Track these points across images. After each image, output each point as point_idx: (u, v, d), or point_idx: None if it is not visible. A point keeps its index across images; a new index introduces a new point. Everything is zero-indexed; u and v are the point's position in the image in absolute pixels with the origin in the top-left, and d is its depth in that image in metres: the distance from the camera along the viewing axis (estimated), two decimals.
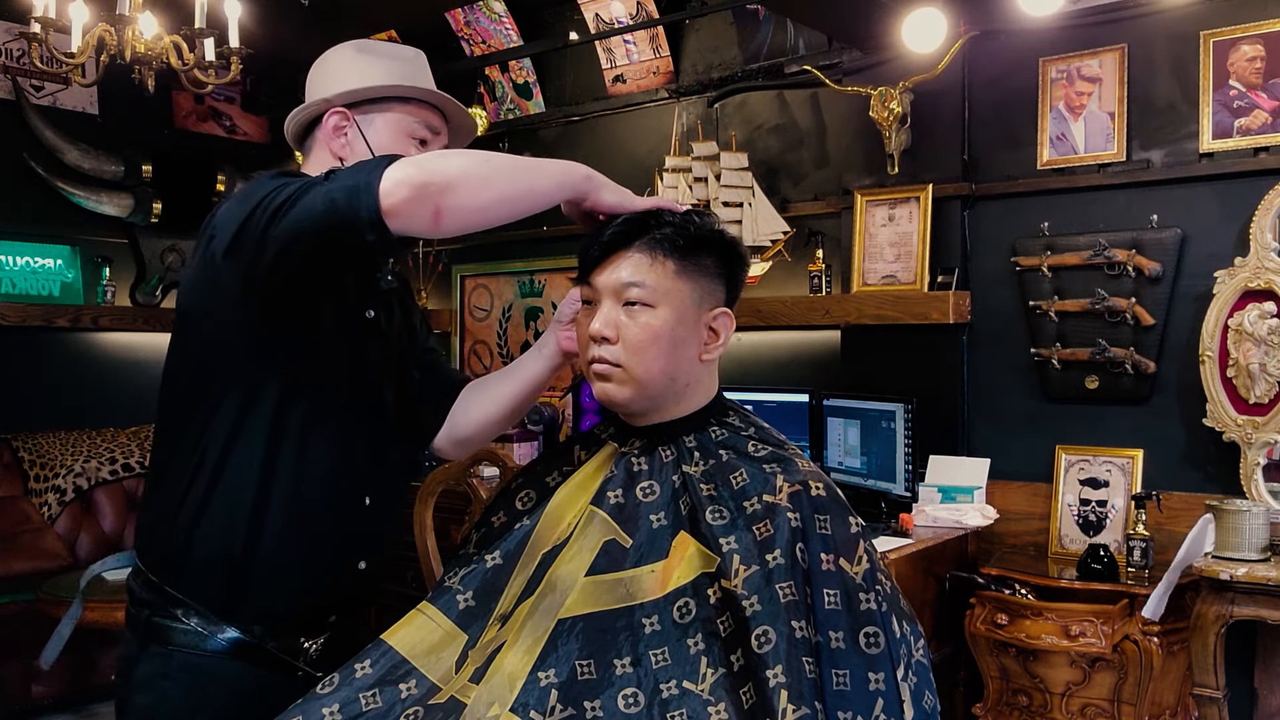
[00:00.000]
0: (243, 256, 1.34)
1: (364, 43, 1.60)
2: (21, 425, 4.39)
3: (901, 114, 3.48)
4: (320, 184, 1.30)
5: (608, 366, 1.35)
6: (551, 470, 1.47)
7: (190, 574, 1.45)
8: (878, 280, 3.60)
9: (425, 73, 1.61)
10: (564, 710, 1.20)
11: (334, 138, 1.54)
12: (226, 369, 1.43)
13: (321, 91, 1.56)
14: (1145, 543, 2.91)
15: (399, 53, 1.59)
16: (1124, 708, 2.82)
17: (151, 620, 1.47)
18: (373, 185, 1.24)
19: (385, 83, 1.54)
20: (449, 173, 1.27)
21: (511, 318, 4.98)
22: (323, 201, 1.27)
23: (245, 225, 1.33)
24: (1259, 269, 2.93)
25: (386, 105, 1.55)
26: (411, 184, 1.24)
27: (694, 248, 1.36)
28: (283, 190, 1.31)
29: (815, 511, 1.27)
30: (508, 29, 4.58)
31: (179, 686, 1.45)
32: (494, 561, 1.38)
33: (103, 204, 4.60)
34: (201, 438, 1.44)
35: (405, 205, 1.24)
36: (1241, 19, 3.03)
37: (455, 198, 1.26)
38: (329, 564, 1.52)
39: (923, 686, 1.27)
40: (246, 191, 1.39)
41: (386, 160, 1.28)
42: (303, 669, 1.51)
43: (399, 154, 1.36)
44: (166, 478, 1.48)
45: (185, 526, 1.44)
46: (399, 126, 1.55)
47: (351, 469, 1.52)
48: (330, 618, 1.56)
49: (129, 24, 3.18)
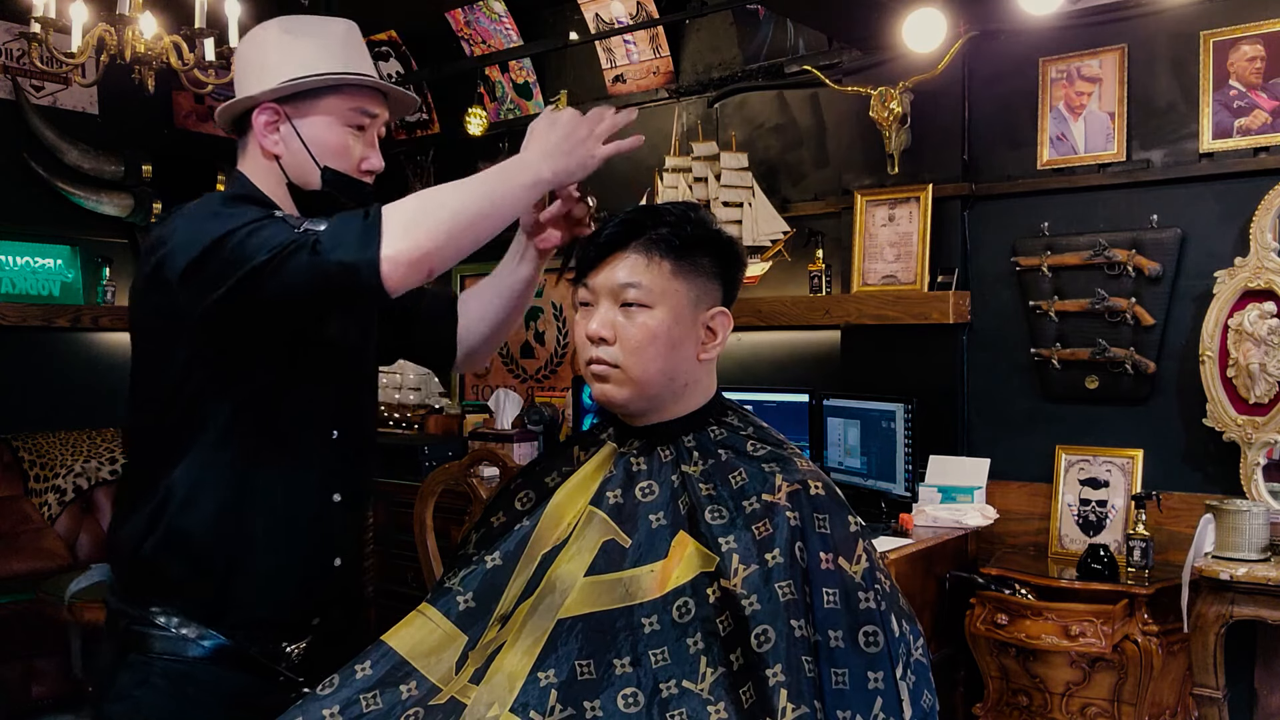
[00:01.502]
0: (203, 289, 1.30)
1: (290, 21, 1.50)
2: (21, 425, 4.38)
3: (901, 114, 3.48)
4: (303, 245, 1.26)
5: (606, 367, 1.35)
6: (551, 470, 1.47)
7: (168, 584, 1.43)
8: (878, 280, 3.60)
9: (359, 50, 1.52)
10: (564, 710, 1.20)
11: (265, 135, 1.48)
12: (188, 381, 1.40)
13: (251, 82, 1.48)
14: (1145, 543, 2.91)
15: (328, 29, 1.50)
16: (1124, 708, 2.82)
17: (131, 629, 1.45)
18: (373, 264, 1.24)
19: (315, 71, 1.46)
20: (437, 238, 1.27)
21: None
22: (316, 276, 1.26)
23: (208, 258, 1.29)
24: (1259, 269, 2.93)
25: (318, 95, 1.47)
26: (407, 261, 1.25)
27: (690, 248, 1.36)
28: (256, 236, 1.28)
29: (814, 511, 1.28)
30: (508, 29, 4.58)
31: (159, 694, 1.43)
32: (494, 562, 1.38)
33: (103, 204, 4.60)
34: (170, 449, 1.42)
35: (404, 279, 1.27)
36: (1241, 19, 3.03)
37: (445, 257, 1.29)
38: (306, 565, 1.51)
39: (921, 686, 1.27)
40: (200, 211, 1.35)
41: (374, 228, 1.25)
42: (284, 674, 1.49)
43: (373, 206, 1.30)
44: (138, 491, 1.45)
45: (160, 539, 1.42)
46: (335, 119, 1.48)
47: (320, 467, 1.51)
48: (313, 620, 1.55)
49: (129, 24, 3.18)
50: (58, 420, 4.49)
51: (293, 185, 1.49)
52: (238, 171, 1.54)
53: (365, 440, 1.62)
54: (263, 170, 1.51)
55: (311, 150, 1.47)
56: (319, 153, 1.48)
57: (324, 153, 1.48)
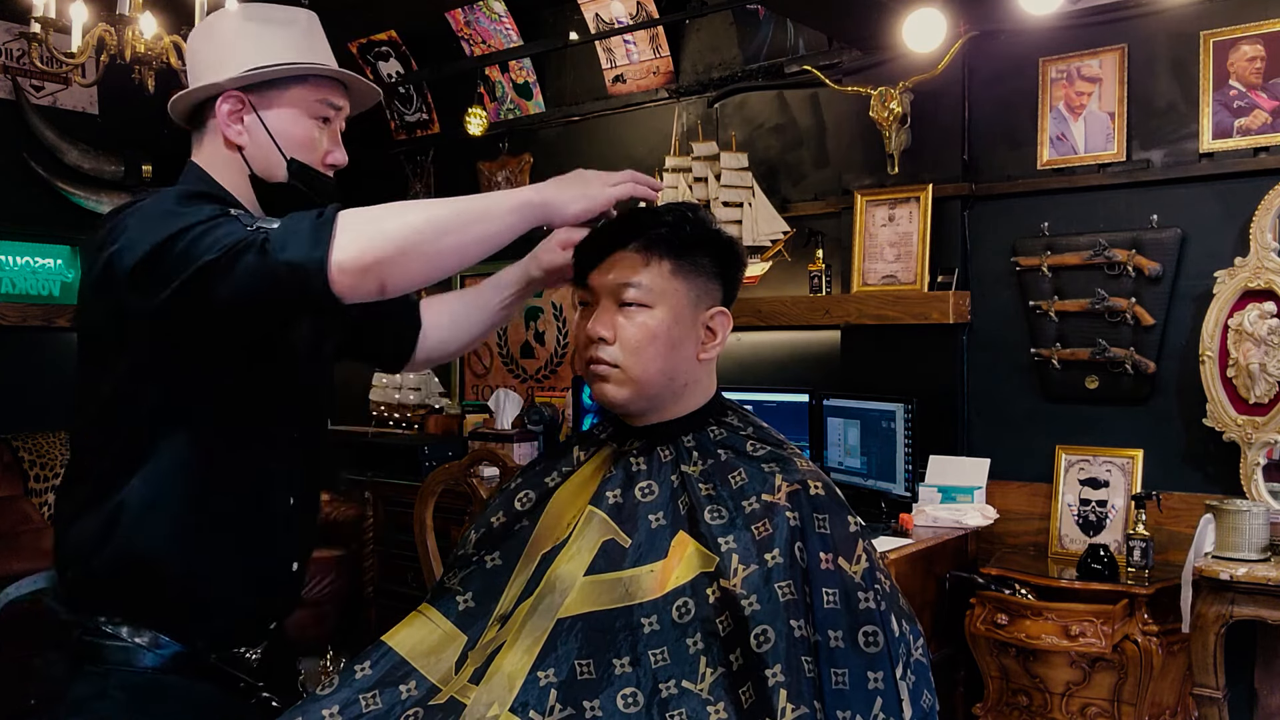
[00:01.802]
0: (152, 289, 1.26)
1: (250, 9, 1.47)
2: (21, 425, 4.38)
3: (901, 114, 3.48)
4: (253, 245, 1.22)
5: (605, 367, 1.35)
6: (551, 470, 1.47)
7: (122, 593, 1.39)
8: (878, 280, 3.60)
9: (321, 41, 1.49)
10: (563, 710, 1.20)
11: (229, 124, 1.43)
12: (143, 387, 1.36)
13: (211, 71, 1.43)
14: (1145, 543, 2.91)
15: (291, 18, 1.47)
16: (1124, 708, 2.82)
17: (83, 639, 1.41)
18: (321, 265, 1.19)
19: (280, 60, 1.42)
20: (391, 247, 1.22)
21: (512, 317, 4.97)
22: (264, 276, 1.21)
23: (156, 257, 1.25)
24: (1259, 269, 2.93)
25: (284, 86, 1.44)
26: (355, 269, 1.21)
27: (690, 247, 1.36)
28: (207, 235, 1.24)
29: (814, 511, 1.27)
30: (508, 29, 4.58)
31: (117, 706, 1.38)
32: (493, 562, 1.39)
33: (103, 204, 4.60)
34: (118, 453, 1.38)
35: (351, 288, 1.22)
36: (1241, 19, 3.03)
37: (399, 270, 1.23)
38: (262, 569, 1.48)
39: (921, 685, 1.27)
40: (152, 209, 1.31)
41: (326, 229, 1.21)
42: (244, 679, 1.47)
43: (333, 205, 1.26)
44: (87, 500, 1.40)
45: (113, 553, 1.37)
46: (301, 110, 1.45)
47: (277, 472, 1.48)
48: (270, 624, 1.53)
49: (129, 24, 3.18)
50: (58, 420, 4.49)
51: (255, 178, 1.45)
52: (192, 163, 1.49)
53: (320, 441, 1.59)
54: (222, 161, 1.46)
55: (278, 141, 1.43)
56: (285, 144, 1.44)
57: (290, 144, 1.44)
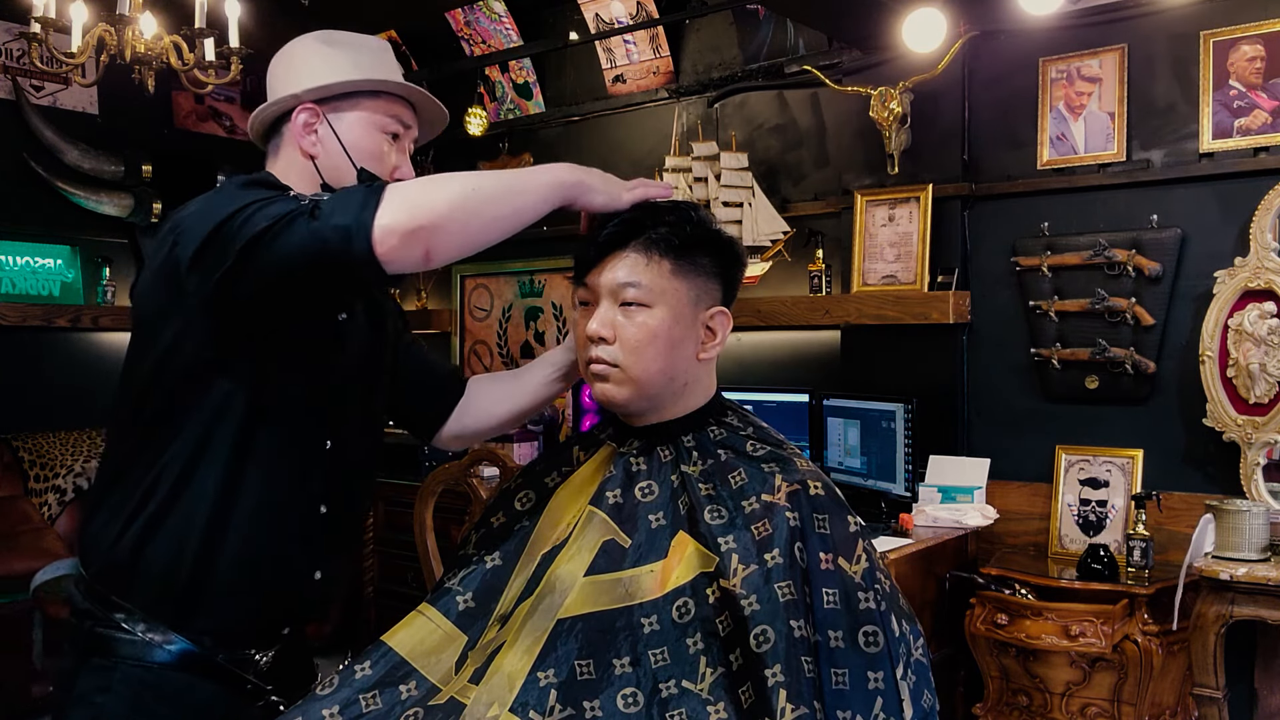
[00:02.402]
0: (210, 270, 1.29)
1: (329, 34, 1.55)
2: (21, 425, 4.38)
3: (901, 114, 3.48)
4: (303, 213, 1.26)
5: (606, 367, 1.35)
6: (551, 471, 1.47)
7: (139, 586, 1.41)
8: (878, 280, 3.60)
9: (393, 64, 1.57)
10: (563, 710, 1.20)
11: (304, 135, 1.50)
12: (187, 382, 1.39)
13: (288, 86, 1.51)
14: (1145, 543, 2.91)
15: (365, 44, 1.55)
16: (1124, 708, 2.82)
17: (94, 631, 1.42)
18: (366, 228, 1.22)
19: (354, 76, 1.50)
20: (437, 214, 1.25)
21: (511, 318, 4.98)
22: (312, 240, 1.24)
23: (214, 238, 1.28)
24: (1259, 269, 2.93)
25: (356, 100, 1.51)
26: (402, 231, 1.23)
27: (690, 247, 1.36)
28: (261, 210, 1.27)
29: (814, 511, 1.27)
30: (508, 29, 4.58)
31: (120, 701, 1.39)
32: (493, 562, 1.38)
33: (103, 204, 4.60)
34: (160, 451, 1.39)
35: (397, 251, 1.24)
36: (1241, 19, 3.03)
37: (444, 237, 1.26)
38: (284, 575, 1.49)
39: (921, 685, 1.27)
40: (215, 197, 1.35)
41: (374, 196, 1.25)
42: (251, 681, 1.47)
43: (381, 180, 1.32)
44: (119, 489, 1.42)
45: (137, 540, 1.39)
46: (370, 122, 1.51)
47: (310, 478, 1.48)
48: (284, 629, 1.53)
49: (129, 24, 3.18)
50: (58, 420, 4.49)
51: (327, 187, 1.49)
52: (266, 171, 1.53)
53: (362, 454, 1.58)
54: (296, 171, 1.51)
55: (349, 151, 1.49)
56: (355, 155, 1.49)
57: (360, 155, 1.50)
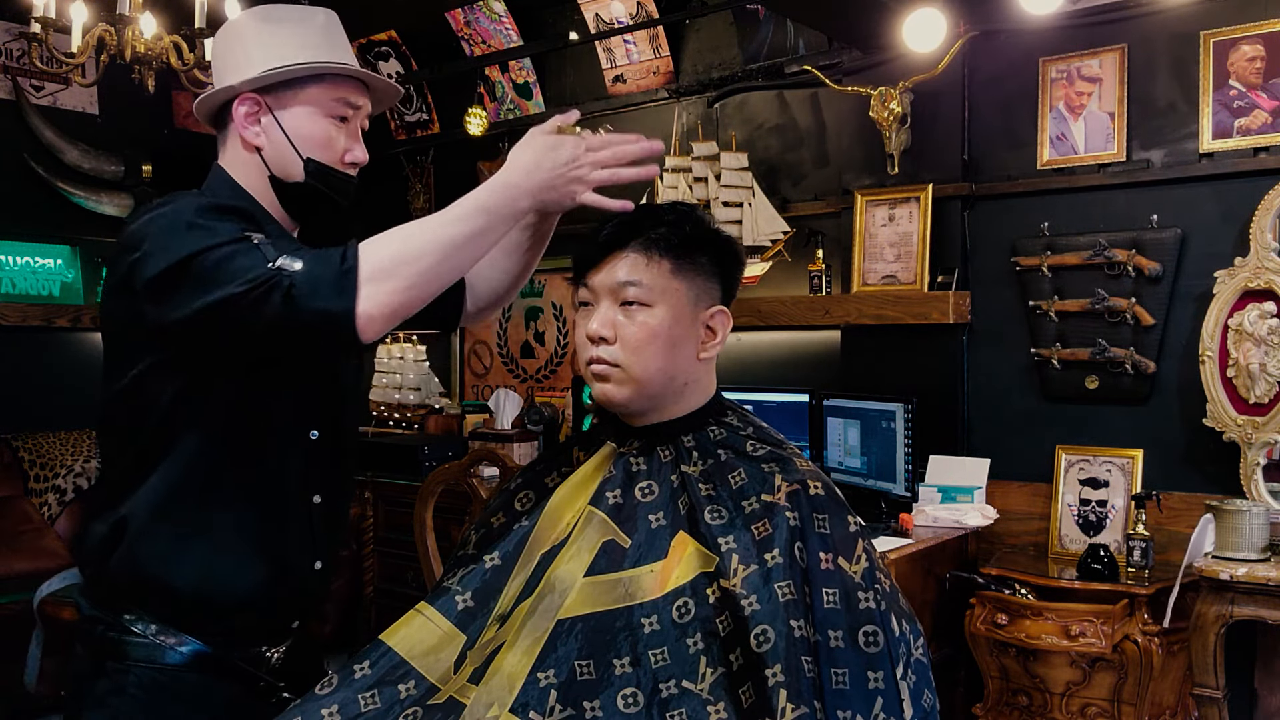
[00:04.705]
0: (165, 308, 1.28)
1: (268, 10, 1.46)
2: (21, 425, 4.38)
3: (901, 114, 3.48)
4: (277, 285, 1.22)
5: (606, 367, 1.35)
6: (550, 471, 1.47)
7: (143, 593, 1.40)
8: (878, 280, 3.60)
9: (340, 39, 1.48)
10: (563, 710, 1.20)
11: (246, 126, 1.44)
12: (163, 393, 1.38)
13: (230, 73, 1.44)
14: (1145, 543, 2.91)
15: (307, 17, 1.46)
16: (1124, 708, 2.82)
17: (106, 635, 1.41)
18: (350, 314, 1.22)
19: (295, 61, 1.42)
20: (414, 287, 1.25)
21: (511, 318, 4.98)
22: (290, 321, 1.23)
23: (174, 274, 1.26)
24: (1259, 269, 2.93)
25: (300, 85, 1.44)
26: (384, 316, 1.24)
27: (689, 246, 1.36)
28: (228, 264, 1.24)
29: (814, 511, 1.27)
30: (508, 29, 4.58)
31: (135, 704, 1.39)
32: (493, 562, 1.38)
33: (103, 204, 4.60)
34: (149, 459, 1.39)
35: (379, 330, 1.26)
36: (1241, 19, 3.02)
37: (423, 300, 1.28)
38: (286, 568, 1.48)
39: (922, 685, 1.27)
40: (176, 223, 1.30)
41: (351, 276, 1.22)
42: (265, 679, 1.47)
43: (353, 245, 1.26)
44: (103, 495, 1.43)
45: (134, 549, 1.39)
46: (318, 110, 1.45)
47: (299, 471, 1.48)
48: (293, 623, 1.53)
49: (129, 24, 3.18)
50: (58, 420, 4.49)
51: (275, 178, 1.46)
52: (217, 166, 1.50)
53: (346, 439, 1.58)
54: (243, 163, 1.47)
55: (294, 141, 1.44)
56: (302, 144, 1.45)
57: (307, 144, 1.45)
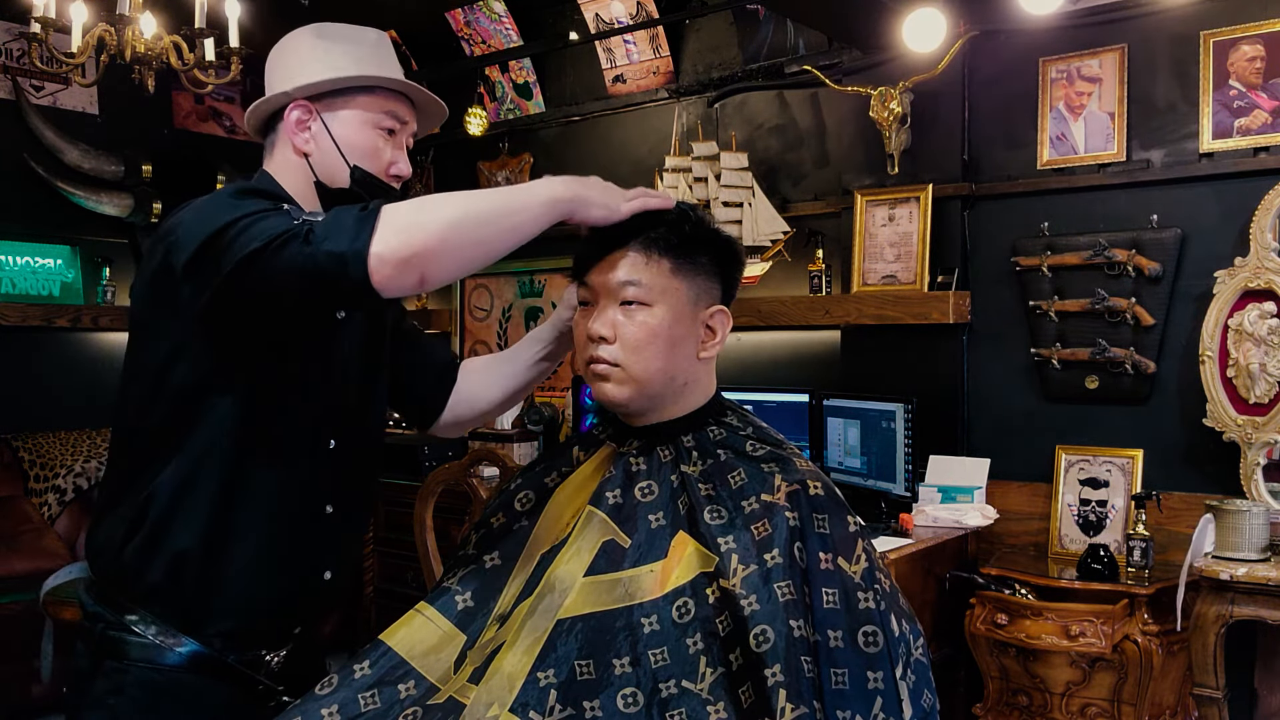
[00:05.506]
0: (204, 280, 1.29)
1: (324, 27, 1.52)
2: (21, 425, 4.38)
3: (901, 114, 3.48)
4: (297, 235, 1.24)
5: (606, 366, 1.35)
6: (550, 471, 1.47)
7: (148, 592, 1.41)
8: (878, 280, 3.60)
9: (390, 57, 1.53)
10: (563, 710, 1.20)
11: (297, 132, 1.48)
12: (187, 389, 1.39)
13: (282, 83, 1.48)
14: (1145, 543, 2.91)
15: (361, 36, 1.52)
16: (1124, 708, 2.82)
17: (106, 634, 1.42)
18: (361, 256, 1.21)
19: (348, 73, 1.47)
20: (431, 240, 1.23)
21: (511, 318, 4.98)
22: (306, 265, 1.23)
23: (209, 248, 1.28)
24: (1259, 269, 2.93)
25: (350, 96, 1.48)
26: (397, 260, 1.22)
27: (689, 246, 1.36)
28: (256, 225, 1.26)
29: (813, 511, 1.27)
30: (508, 29, 4.58)
31: (133, 704, 1.40)
32: (493, 562, 1.38)
33: (103, 204, 4.60)
34: (163, 456, 1.39)
35: (392, 279, 1.23)
36: (1241, 19, 3.03)
37: (439, 263, 1.25)
38: (293, 576, 1.49)
39: (921, 685, 1.27)
40: (209, 205, 1.34)
41: (368, 221, 1.23)
42: (263, 682, 1.47)
43: (375, 202, 1.28)
44: (123, 496, 1.42)
45: (142, 547, 1.39)
46: (365, 119, 1.49)
47: (313, 479, 1.48)
48: (295, 629, 1.53)
49: (129, 24, 3.19)
50: (58, 420, 4.49)
51: (320, 184, 1.49)
52: (262, 170, 1.53)
53: (367, 453, 1.58)
54: (290, 168, 1.50)
55: (342, 149, 1.47)
56: (349, 152, 1.48)
57: (354, 152, 1.48)
